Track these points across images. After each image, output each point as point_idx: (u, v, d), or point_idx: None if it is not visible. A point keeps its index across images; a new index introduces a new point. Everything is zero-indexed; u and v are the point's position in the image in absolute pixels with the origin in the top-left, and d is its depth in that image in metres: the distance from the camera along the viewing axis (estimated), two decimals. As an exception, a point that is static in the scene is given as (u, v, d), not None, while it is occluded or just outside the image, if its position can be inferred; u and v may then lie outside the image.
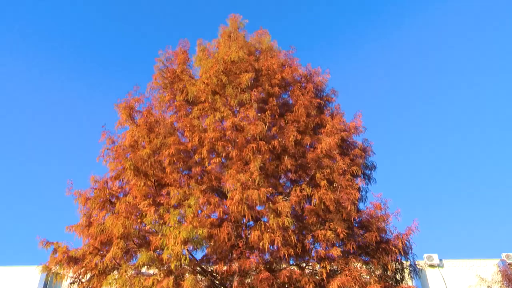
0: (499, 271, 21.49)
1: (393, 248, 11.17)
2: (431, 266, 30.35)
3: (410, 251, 12.19)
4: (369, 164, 14.14)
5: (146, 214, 10.55)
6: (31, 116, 63.97)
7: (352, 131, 13.77)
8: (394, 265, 11.31)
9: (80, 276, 10.95)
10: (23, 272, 25.41)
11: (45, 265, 10.88)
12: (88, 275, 11.16)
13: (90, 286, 10.56)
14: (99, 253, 10.70)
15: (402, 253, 11.41)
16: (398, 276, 12.23)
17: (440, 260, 30.72)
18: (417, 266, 30.12)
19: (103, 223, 10.97)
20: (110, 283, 9.65)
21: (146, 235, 11.02)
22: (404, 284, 11.83)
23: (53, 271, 10.89)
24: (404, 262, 12.66)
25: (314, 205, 10.96)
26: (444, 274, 29.75)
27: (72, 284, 11.11)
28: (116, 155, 12.54)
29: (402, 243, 11.54)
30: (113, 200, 12.26)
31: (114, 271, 10.74)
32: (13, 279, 25.36)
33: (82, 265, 10.64)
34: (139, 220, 10.79)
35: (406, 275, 12.34)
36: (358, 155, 13.05)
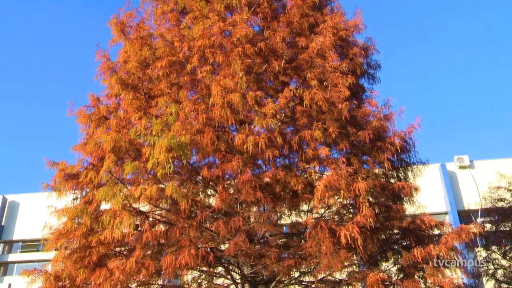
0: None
1: (389, 146, 10.81)
2: (462, 167, 29.90)
3: (412, 149, 11.86)
4: (372, 63, 13.55)
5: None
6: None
7: (352, 29, 13.07)
8: (390, 163, 10.98)
9: (79, 191, 11.22)
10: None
11: (45, 184, 11.17)
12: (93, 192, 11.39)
13: (88, 200, 10.78)
14: (94, 169, 10.83)
15: (400, 151, 11.06)
16: (401, 175, 11.98)
17: (471, 161, 30.17)
18: (447, 168, 29.58)
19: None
20: (101, 196, 9.79)
21: (139, 148, 11.04)
22: (407, 182, 11.54)
23: (55, 188, 11.18)
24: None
25: (305, 106, 10.63)
26: (474, 174, 29.32)
27: (75, 200, 11.43)
28: (108, 72, 12.43)
29: (401, 140, 11.18)
30: (110, 117, 12.32)
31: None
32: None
33: (79, 180, 10.84)
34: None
35: (409, 173, 12.05)
36: (357, 54, 12.44)
